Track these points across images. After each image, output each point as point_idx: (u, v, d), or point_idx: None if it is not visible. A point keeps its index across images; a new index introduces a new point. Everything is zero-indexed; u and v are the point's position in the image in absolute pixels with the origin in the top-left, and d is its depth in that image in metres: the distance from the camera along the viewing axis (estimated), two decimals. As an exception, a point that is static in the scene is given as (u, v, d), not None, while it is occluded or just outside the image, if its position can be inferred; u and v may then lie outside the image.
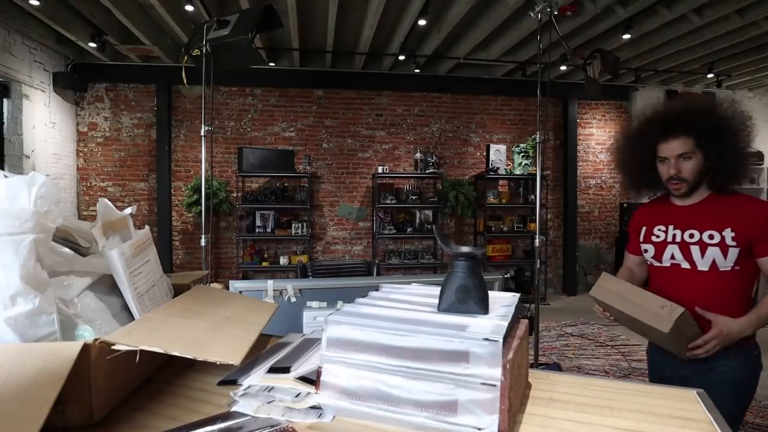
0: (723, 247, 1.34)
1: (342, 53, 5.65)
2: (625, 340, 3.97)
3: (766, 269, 1.37)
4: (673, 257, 1.43)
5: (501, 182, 6.17)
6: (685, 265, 1.40)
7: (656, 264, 1.48)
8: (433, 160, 5.92)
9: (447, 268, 0.81)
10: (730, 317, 1.32)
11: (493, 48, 5.30)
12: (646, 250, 1.52)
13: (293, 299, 2.65)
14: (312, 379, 0.64)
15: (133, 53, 5.30)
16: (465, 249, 0.66)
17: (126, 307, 0.77)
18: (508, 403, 0.52)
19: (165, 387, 0.70)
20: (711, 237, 1.36)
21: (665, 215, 1.50)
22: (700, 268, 1.37)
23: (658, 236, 1.48)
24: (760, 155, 6.63)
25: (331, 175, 6.10)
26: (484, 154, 6.12)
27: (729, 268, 1.35)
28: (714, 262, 1.35)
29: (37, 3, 3.88)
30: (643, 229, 1.55)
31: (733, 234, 1.33)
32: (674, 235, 1.43)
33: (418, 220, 6.08)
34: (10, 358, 0.52)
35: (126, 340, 0.58)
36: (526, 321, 0.69)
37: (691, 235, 1.39)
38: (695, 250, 1.37)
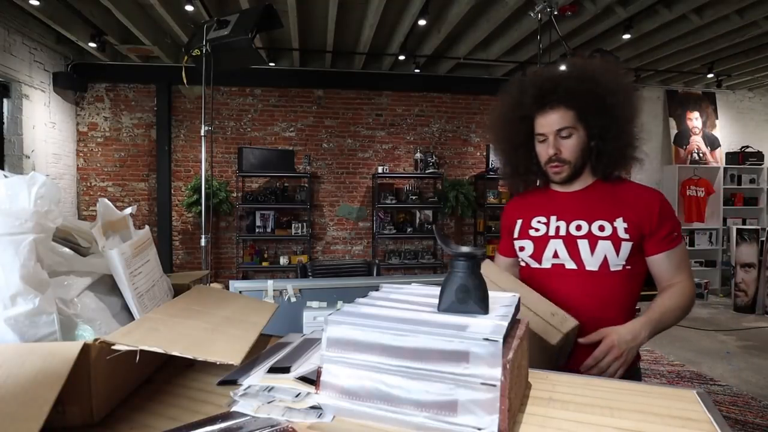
0: (615, 240, 1.12)
1: (342, 53, 5.65)
2: (625, 340, 3.97)
3: (657, 271, 1.17)
4: (556, 255, 1.17)
5: (501, 182, 6.17)
6: (571, 264, 1.15)
7: (534, 265, 1.21)
8: (433, 160, 5.92)
9: (447, 268, 0.81)
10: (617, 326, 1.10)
11: (493, 48, 5.31)
12: (522, 248, 1.24)
13: (293, 299, 2.65)
14: (312, 379, 0.64)
15: (133, 53, 5.30)
16: (465, 249, 0.66)
17: (126, 307, 0.77)
18: (508, 403, 0.52)
19: (165, 387, 0.70)
20: (602, 228, 1.14)
21: (546, 204, 1.25)
22: (588, 268, 1.13)
23: (537, 230, 1.22)
24: (760, 155, 6.63)
25: (331, 175, 6.10)
26: (484, 154, 6.12)
27: (620, 268, 1.13)
28: (605, 260, 1.12)
29: (37, 3, 3.88)
30: (519, 223, 1.28)
31: (625, 225, 1.12)
32: (558, 228, 1.19)
33: (418, 220, 6.08)
34: (10, 358, 0.52)
35: (126, 340, 0.58)
36: (526, 321, 0.69)
37: (579, 227, 1.16)
38: (583, 246, 1.14)
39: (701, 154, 6.66)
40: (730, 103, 6.96)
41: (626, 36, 4.69)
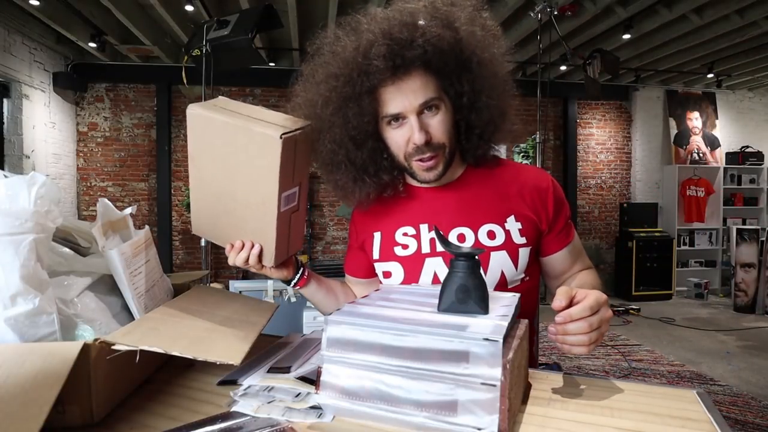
0: (511, 248, 0.86)
1: (342, 53, 5.65)
2: (625, 340, 3.97)
3: (554, 268, 0.93)
4: (436, 279, 0.87)
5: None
6: None
7: None
8: (433, 160, 5.91)
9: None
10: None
11: (493, 48, 5.30)
12: (387, 273, 0.93)
13: (293, 299, 2.65)
14: (312, 379, 0.64)
15: (133, 53, 5.30)
16: (465, 249, 0.66)
17: (126, 307, 0.77)
18: (508, 403, 0.52)
19: (165, 387, 0.70)
20: (491, 235, 0.86)
21: (410, 208, 0.94)
22: None
23: (406, 246, 0.91)
24: (760, 155, 6.63)
25: (331, 175, 6.10)
26: (484, 154, 6.11)
27: (519, 282, 0.88)
28: (502, 277, 0.86)
29: (37, 3, 3.88)
30: (377, 238, 0.95)
31: (519, 225, 0.87)
32: (433, 240, 0.89)
33: (418, 220, 6.07)
34: (10, 358, 0.53)
35: (126, 340, 0.58)
36: (526, 321, 0.69)
37: (461, 237, 0.87)
38: None
39: (701, 154, 6.66)
40: (730, 103, 6.96)
41: (626, 36, 4.69)
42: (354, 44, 0.81)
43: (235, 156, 0.77)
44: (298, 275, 0.94)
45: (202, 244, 3.17)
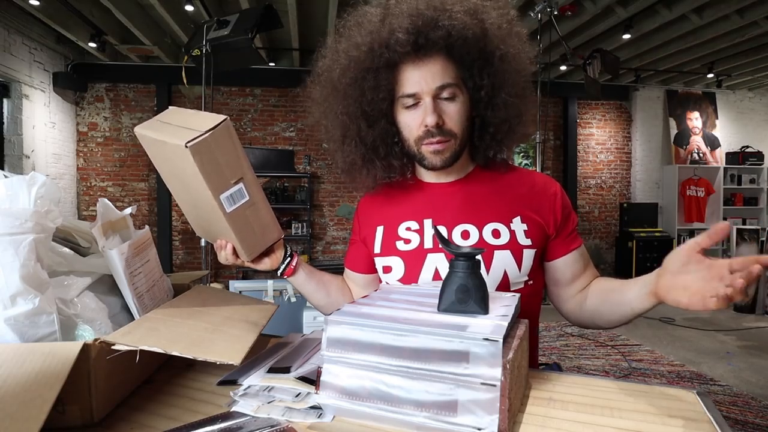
0: (515, 248, 0.84)
1: (342, 53, 5.65)
2: (625, 340, 3.97)
3: (565, 274, 0.90)
4: (437, 276, 0.85)
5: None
6: None
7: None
8: (433, 160, 5.91)
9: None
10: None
11: (493, 48, 5.31)
12: (388, 268, 0.90)
13: (293, 299, 2.66)
14: (312, 379, 0.64)
15: (133, 53, 5.31)
16: (465, 249, 0.66)
17: (126, 307, 0.77)
18: (508, 403, 0.52)
19: (165, 387, 0.70)
20: (496, 233, 0.85)
21: (415, 202, 0.92)
22: None
23: (408, 240, 0.89)
24: (760, 155, 6.63)
25: (331, 175, 6.11)
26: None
27: (522, 285, 0.86)
28: (505, 277, 0.84)
29: (37, 3, 3.88)
30: (379, 232, 0.94)
31: (525, 227, 0.85)
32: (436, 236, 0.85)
33: (418, 220, 6.07)
34: (10, 358, 0.52)
35: (126, 340, 0.58)
36: (526, 321, 0.69)
37: (466, 234, 0.85)
38: None
39: (701, 154, 6.66)
40: (730, 103, 6.96)
41: (626, 36, 4.70)
42: (380, 17, 0.82)
43: (174, 168, 0.78)
44: (284, 265, 0.92)
45: (202, 244, 3.18)
